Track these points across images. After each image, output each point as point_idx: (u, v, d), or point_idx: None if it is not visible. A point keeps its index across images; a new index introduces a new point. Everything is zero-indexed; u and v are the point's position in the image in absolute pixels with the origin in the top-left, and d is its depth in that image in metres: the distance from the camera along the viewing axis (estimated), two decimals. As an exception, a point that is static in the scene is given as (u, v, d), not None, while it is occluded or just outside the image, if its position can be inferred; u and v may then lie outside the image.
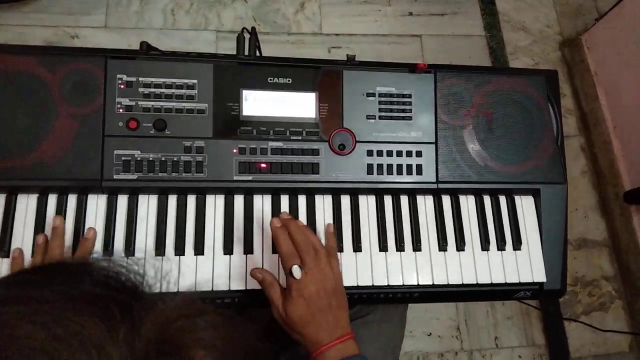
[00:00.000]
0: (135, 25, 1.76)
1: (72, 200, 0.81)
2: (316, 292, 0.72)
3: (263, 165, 0.84)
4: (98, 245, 0.79)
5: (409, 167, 0.88)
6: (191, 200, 0.83)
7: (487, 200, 0.92)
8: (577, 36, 1.90)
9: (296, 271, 0.73)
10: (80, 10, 1.74)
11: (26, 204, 0.80)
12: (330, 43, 1.82)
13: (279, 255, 0.75)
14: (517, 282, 0.89)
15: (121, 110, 0.81)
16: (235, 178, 0.83)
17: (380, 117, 0.89)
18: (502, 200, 0.93)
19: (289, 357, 0.89)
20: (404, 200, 0.90)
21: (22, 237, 0.78)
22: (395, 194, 0.89)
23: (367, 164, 0.87)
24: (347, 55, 0.92)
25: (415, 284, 0.86)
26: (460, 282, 0.87)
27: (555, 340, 1.57)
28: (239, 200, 0.85)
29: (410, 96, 0.90)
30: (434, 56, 1.82)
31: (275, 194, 0.86)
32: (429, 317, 1.55)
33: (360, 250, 0.85)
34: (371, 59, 0.94)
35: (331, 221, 0.86)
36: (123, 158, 0.80)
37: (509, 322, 1.59)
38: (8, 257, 0.77)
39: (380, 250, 0.86)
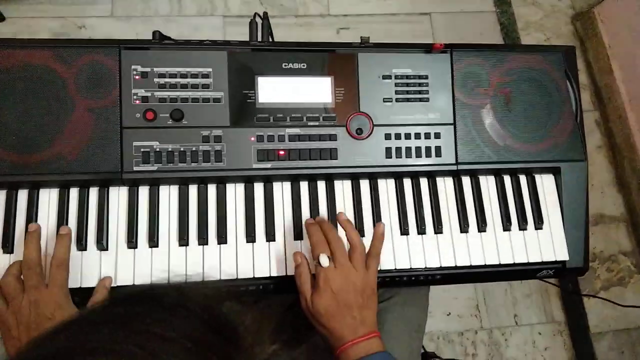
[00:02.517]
0: (142, 14, 1.74)
1: (93, 193, 0.81)
2: (344, 286, 0.73)
3: (281, 152, 0.84)
4: (122, 237, 0.79)
5: (428, 149, 0.88)
6: (212, 189, 0.83)
7: (507, 180, 0.92)
8: (589, 9, 1.86)
9: (323, 259, 0.74)
10: (86, 0, 1.73)
11: (48, 199, 0.80)
12: (339, 24, 1.80)
13: (310, 245, 0.77)
14: (540, 261, 0.89)
15: (137, 102, 0.81)
16: (254, 166, 0.83)
17: (397, 100, 0.88)
18: (522, 179, 0.92)
19: (306, 350, 0.89)
20: (424, 182, 0.89)
21: (46, 231, 0.79)
22: (415, 176, 0.89)
23: (386, 148, 0.87)
24: (361, 37, 0.91)
25: (438, 266, 0.86)
26: (483, 263, 0.87)
27: (574, 316, 1.58)
28: (258, 188, 0.85)
29: (426, 77, 0.89)
30: (444, 34, 1.80)
31: (295, 181, 0.86)
32: (448, 297, 1.55)
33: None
34: (381, 39, 0.92)
35: (351, 206, 0.86)
36: (142, 150, 0.80)
37: (527, 300, 1.59)
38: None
39: (402, 234, 0.86)
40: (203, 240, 0.81)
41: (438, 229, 0.87)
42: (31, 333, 0.67)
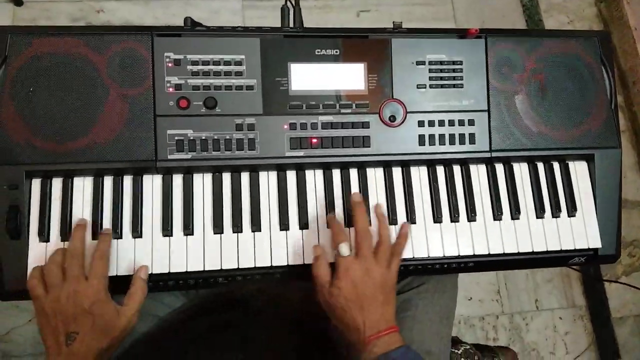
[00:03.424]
0: (160, -3, 1.73)
1: (127, 181, 0.81)
2: (363, 278, 0.73)
3: (314, 140, 0.83)
4: (157, 225, 0.79)
5: (462, 136, 0.87)
6: (245, 177, 0.83)
7: (540, 167, 0.91)
8: (614, -11, 1.82)
9: (343, 248, 0.74)
10: (104, -17, 1.71)
11: (82, 187, 0.80)
12: (359, 7, 1.77)
13: (331, 233, 0.79)
14: (573, 248, 0.89)
15: (171, 90, 0.80)
16: (287, 154, 0.82)
17: (431, 86, 0.87)
18: (556, 166, 0.91)
19: None
20: (457, 170, 0.88)
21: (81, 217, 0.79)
22: (448, 164, 0.88)
23: (419, 135, 0.86)
24: (394, 22, 0.90)
25: (471, 254, 0.85)
26: (516, 251, 0.86)
27: (595, 301, 1.58)
28: (291, 176, 0.84)
29: (461, 63, 0.88)
30: (466, 16, 1.77)
31: (327, 169, 0.85)
32: (470, 281, 1.55)
33: (415, 222, 0.85)
34: (401, 22, 0.90)
35: (384, 194, 0.86)
36: (176, 138, 0.80)
37: (549, 285, 1.59)
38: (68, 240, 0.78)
39: (435, 222, 0.86)
40: (237, 228, 0.81)
41: (471, 216, 0.86)
42: (69, 324, 0.67)
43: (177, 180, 0.82)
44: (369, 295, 0.72)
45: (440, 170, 0.88)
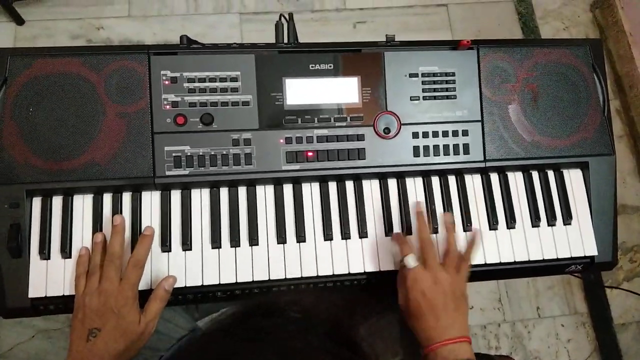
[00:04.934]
0: (158, 13, 1.75)
1: (126, 198, 0.82)
2: (433, 287, 0.74)
3: (310, 153, 0.84)
4: (156, 241, 0.80)
5: (456, 147, 0.88)
6: (242, 192, 0.84)
7: (535, 175, 0.92)
8: (609, -5, 1.83)
9: (410, 260, 0.75)
10: (103, 0, 1.73)
11: (82, 205, 0.81)
12: (355, 18, 1.79)
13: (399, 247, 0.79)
14: (569, 256, 0.89)
15: (168, 107, 0.82)
16: (283, 168, 0.83)
17: (424, 98, 0.88)
18: (550, 175, 0.92)
19: None
20: (452, 180, 0.89)
21: (82, 237, 0.80)
22: (443, 175, 0.89)
23: (413, 147, 0.87)
24: (387, 35, 0.91)
25: (468, 264, 0.86)
26: (512, 260, 0.87)
27: (597, 307, 1.57)
28: (288, 190, 0.85)
29: (453, 74, 0.89)
30: (461, 25, 1.78)
31: (323, 182, 0.86)
32: (471, 290, 1.52)
33: (411, 233, 0.86)
34: (397, 32, 0.92)
35: (380, 205, 0.87)
36: (174, 154, 0.81)
37: (550, 292, 1.59)
38: (70, 257, 0.79)
39: (431, 233, 0.86)
40: (235, 242, 0.82)
41: (467, 227, 0.87)
42: (94, 319, 0.70)
43: (175, 196, 0.83)
44: (440, 305, 0.73)
45: (435, 181, 0.89)
